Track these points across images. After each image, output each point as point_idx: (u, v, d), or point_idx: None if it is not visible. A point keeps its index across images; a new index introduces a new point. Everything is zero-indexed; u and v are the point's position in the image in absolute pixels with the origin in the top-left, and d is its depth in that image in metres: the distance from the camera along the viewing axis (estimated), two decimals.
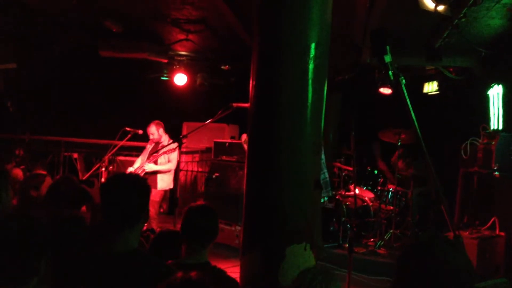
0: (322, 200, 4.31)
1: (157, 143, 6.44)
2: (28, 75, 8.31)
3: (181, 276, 1.65)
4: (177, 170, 6.29)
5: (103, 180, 6.51)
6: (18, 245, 1.70)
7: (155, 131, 6.39)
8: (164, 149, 6.19)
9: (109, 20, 6.37)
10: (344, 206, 6.57)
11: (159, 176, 6.37)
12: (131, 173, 2.66)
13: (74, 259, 2.22)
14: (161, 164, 6.35)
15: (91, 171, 6.67)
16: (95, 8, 6.15)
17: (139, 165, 6.44)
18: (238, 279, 3.14)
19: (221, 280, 2.46)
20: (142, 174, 6.31)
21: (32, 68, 8.19)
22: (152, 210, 5.95)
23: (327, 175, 4.52)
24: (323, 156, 4.48)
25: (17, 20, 6.72)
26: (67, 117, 9.42)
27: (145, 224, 3.57)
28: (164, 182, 6.42)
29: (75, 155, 8.22)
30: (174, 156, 6.29)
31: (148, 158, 6.38)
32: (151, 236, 3.31)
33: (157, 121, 6.47)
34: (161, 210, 7.94)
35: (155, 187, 6.30)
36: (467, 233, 5.04)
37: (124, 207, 2.16)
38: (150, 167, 6.26)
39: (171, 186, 6.56)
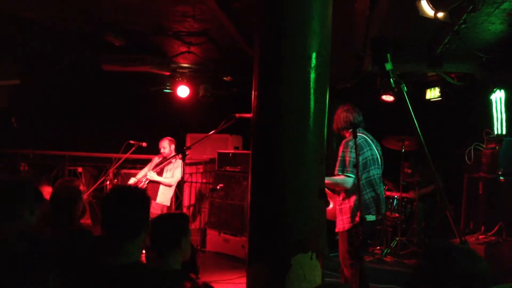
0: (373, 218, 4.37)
1: (164, 158, 6.51)
2: (31, 91, 8.37)
3: (190, 286, 1.65)
4: (181, 182, 6.33)
5: None
6: (25, 262, 1.70)
7: (167, 146, 6.50)
8: (167, 161, 6.26)
9: (111, 34, 6.42)
10: None
11: (161, 188, 6.40)
12: (130, 185, 2.67)
13: (76, 273, 2.22)
14: (165, 178, 6.41)
15: (96, 185, 6.70)
16: (97, 22, 6.20)
17: (142, 175, 6.48)
18: None
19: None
20: (146, 182, 6.35)
21: (36, 84, 8.24)
22: None
23: (382, 190, 4.49)
24: (378, 171, 4.46)
25: (19, 36, 6.78)
26: (71, 131, 9.47)
27: None
28: (164, 197, 6.46)
29: (80, 169, 8.25)
30: (177, 173, 6.35)
31: (152, 169, 6.44)
32: None
33: (170, 138, 6.57)
34: None
35: (155, 199, 6.33)
36: (474, 239, 5.01)
37: (124, 220, 2.16)
38: (151, 175, 6.31)
39: (168, 203, 6.60)
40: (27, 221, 2.37)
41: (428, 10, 4.05)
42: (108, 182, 6.47)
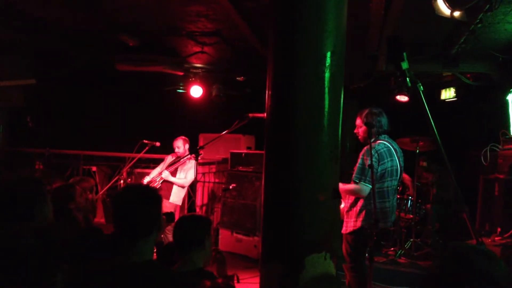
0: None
1: (178, 157, 6.54)
2: (47, 90, 8.45)
3: (210, 285, 1.65)
4: (194, 182, 6.36)
5: None
6: (35, 259, 1.71)
7: (181, 145, 6.54)
8: (181, 161, 6.28)
9: (126, 35, 6.46)
10: None
11: (174, 188, 6.44)
12: (142, 184, 2.70)
13: (89, 271, 2.23)
14: (178, 179, 6.44)
15: (110, 184, 6.74)
16: (111, 23, 6.25)
17: (156, 174, 6.51)
18: None
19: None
20: (160, 181, 6.39)
21: (51, 83, 8.33)
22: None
23: (388, 205, 4.27)
24: (394, 183, 4.27)
25: (35, 36, 6.86)
26: (86, 130, 9.55)
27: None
28: (176, 197, 6.50)
29: (94, 168, 8.31)
30: (191, 174, 6.39)
31: (166, 168, 6.47)
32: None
33: (184, 137, 6.60)
34: None
35: (168, 198, 6.37)
36: (489, 240, 4.95)
37: (136, 219, 2.17)
38: (166, 175, 6.35)
39: (180, 203, 6.65)
40: (46, 219, 2.40)
41: (445, 9, 4.01)
42: (122, 181, 6.51)
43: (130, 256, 2.13)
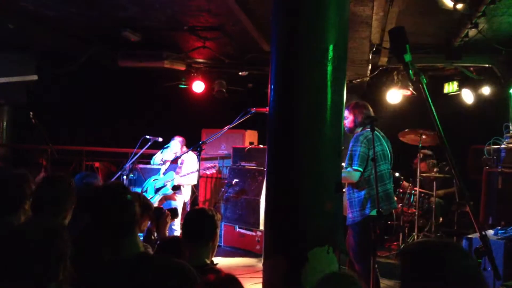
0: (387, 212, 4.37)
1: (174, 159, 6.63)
2: (49, 87, 8.45)
3: (213, 278, 1.66)
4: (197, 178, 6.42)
5: None
6: (38, 251, 1.72)
7: (179, 150, 6.59)
8: (182, 158, 6.36)
9: (127, 30, 6.44)
10: None
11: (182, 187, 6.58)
12: (115, 183, 2.73)
13: (85, 266, 2.24)
14: (187, 179, 6.53)
15: (113, 179, 6.74)
16: (112, 18, 6.23)
17: (167, 179, 6.54)
18: (261, 284, 3.13)
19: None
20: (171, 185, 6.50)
21: (53, 80, 8.33)
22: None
23: (389, 187, 4.42)
24: (388, 166, 4.42)
25: (37, 33, 6.85)
26: (88, 126, 9.56)
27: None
28: (185, 190, 6.60)
29: (97, 164, 8.32)
30: (193, 171, 6.47)
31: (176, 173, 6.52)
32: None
33: (182, 139, 6.63)
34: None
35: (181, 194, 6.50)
36: (493, 233, 4.93)
37: (127, 214, 2.20)
38: (179, 180, 6.44)
39: (187, 198, 6.75)
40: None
41: (447, 2, 3.99)
42: (125, 177, 6.52)
43: (124, 249, 2.16)
